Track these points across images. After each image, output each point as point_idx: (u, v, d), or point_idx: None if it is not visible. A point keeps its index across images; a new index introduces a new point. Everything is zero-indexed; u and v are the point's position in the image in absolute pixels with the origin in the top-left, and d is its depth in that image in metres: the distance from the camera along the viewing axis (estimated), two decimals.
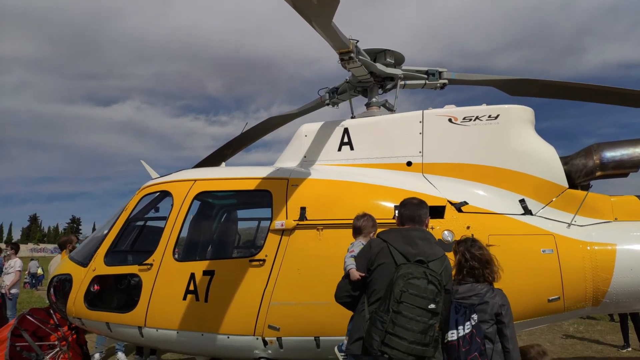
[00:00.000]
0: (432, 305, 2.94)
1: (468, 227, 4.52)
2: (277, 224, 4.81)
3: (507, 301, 3.54)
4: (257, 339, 4.69)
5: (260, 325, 4.66)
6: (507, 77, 5.68)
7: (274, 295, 4.67)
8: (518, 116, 5.02)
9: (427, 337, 2.92)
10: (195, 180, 5.38)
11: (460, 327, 3.27)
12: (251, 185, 5.20)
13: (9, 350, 6.28)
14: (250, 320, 4.69)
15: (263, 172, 5.22)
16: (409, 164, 5.06)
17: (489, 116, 4.99)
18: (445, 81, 5.73)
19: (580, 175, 5.04)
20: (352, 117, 5.59)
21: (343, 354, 3.54)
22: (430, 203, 4.58)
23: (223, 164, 6.12)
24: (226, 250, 5.91)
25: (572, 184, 4.99)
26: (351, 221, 4.03)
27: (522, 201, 4.77)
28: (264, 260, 4.77)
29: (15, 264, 10.18)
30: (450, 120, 5.06)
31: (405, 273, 3.01)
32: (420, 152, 5.05)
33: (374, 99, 5.62)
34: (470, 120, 5.02)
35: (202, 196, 5.46)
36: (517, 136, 4.94)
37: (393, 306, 2.93)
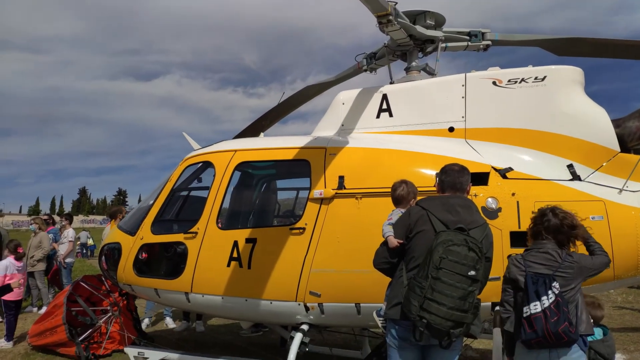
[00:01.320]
0: (472, 272, 2.95)
1: (513, 194, 4.40)
2: (316, 193, 4.83)
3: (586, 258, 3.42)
4: (299, 304, 4.79)
5: (301, 292, 4.75)
6: (554, 37, 5.39)
7: (314, 262, 4.73)
8: (566, 77, 4.78)
9: (466, 303, 2.94)
10: (235, 151, 5.45)
11: (544, 298, 3.15)
12: (289, 155, 5.22)
13: (66, 314, 6.71)
14: (292, 287, 4.78)
15: (301, 141, 5.22)
16: (451, 129, 4.93)
17: (536, 78, 4.77)
18: (489, 42, 5.49)
19: (634, 139, 4.77)
20: (391, 83, 5.45)
21: (381, 319, 3.57)
22: (473, 170, 4.50)
23: (261, 134, 6.16)
24: (267, 219, 6.01)
25: (625, 148, 4.73)
26: (390, 189, 4.00)
27: (570, 166, 4.57)
28: (303, 229, 4.82)
29: (68, 234, 10.72)
30: (494, 83, 4.87)
31: (445, 240, 3.01)
32: (462, 117, 4.90)
33: (413, 63, 5.46)
34: (516, 82, 4.81)
35: (242, 166, 5.53)
36: (565, 98, 4.71)
37: (432, 272, 2.95)
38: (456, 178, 3.45)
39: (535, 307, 3.15)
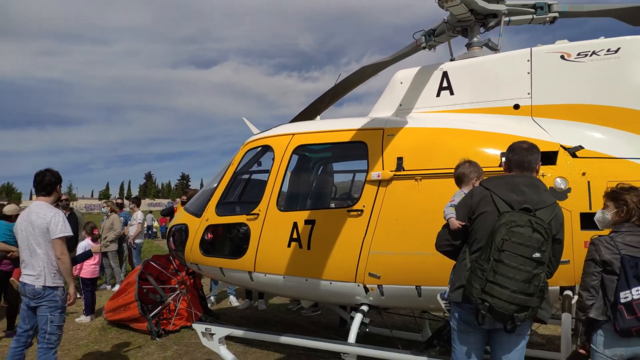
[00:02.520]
0: (537, 254, 2.84)
1: (584, 174, 4.16)
2: (374, 174, 4.81)
3: None
4: (359, 285, 4.82)
5: (360, 273, 4.78)
6: (628, 5, 4.99)
7: (373, 244, 4.73)
8: None
9: (531, 286, 2.84)
10: (293, 134, 5.52)
11: None
12: (346, 137, 5.21)
13: (137, 291, 7.06)
14: (351, 268, 4.81)
15: (358, 123, 5.19)
16: (516, 107, 4.71)
17: (608, 50, 4.44)
18: (556, 14, 5.15)
19: None
20: (452, 60, 5.28)
21: (445, 301, 3.54)
22: (541, 148, 4.28)
23: (318, 117, 6.19)
24: (325, 201, 6.06)
25: None
26: (452, 170, 3.91)
27: None
28: (361, 211, 4.83)
29: (137, 216, 11.34)
30: (562, 57, 4.58)
31: (508, 221, 2.92)
32: (528, 93, 4.66)
33: (475, 39, 5.22)
34: (586, 55, 4.50)
35: (300, 149, 5.59)
36: None
37: (494, 254, 2.87)
38: (524, 156, 3.32)
39: (637, 292, 3.00)
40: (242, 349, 6.35)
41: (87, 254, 6.97)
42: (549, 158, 4.27)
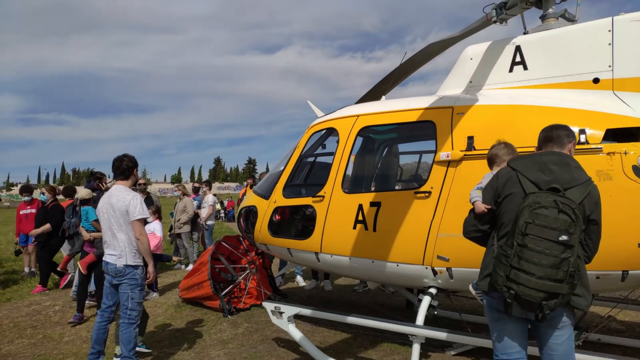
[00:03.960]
0: (564, 237, 2.63)
1: None
2: (442, 155, 4.69)
3: None
4: (427, 268, 4.77)
5: (429, 255, 4.72)
6: None
7: (441, 226, 4.64)
8: None
9: (559, 272, 2.64)
10: (358, 116, 5.49)
11: None
12: (413, 117, 5.11)
13: (210, 270, 7.35)
14: (419, 250, 4.76)
15: (425, 102, 5.06)
16: (595, 80, 4.39)
17: None
18: None
19: None
20: (525, 33, 5.00)
21: (477, 291, 3.42)
22: (622, 124, 4.04)
23: (383, 98, 6.10)
24: (391, 183, 6.01)
25: None
26: (528, 149, 3.73)
27: None
28: (429, 193, 4.74)
29: (208, 199, 11.81)
30: None
31: (532, 203, 2.74)
32: (609, 66, 4.33)
33: (550, 10, 4.89)
34: None
35: (365, 131, 5.57)
36: None
37: (517, 239, 2.71)
38: (551, 131, 3.13)
39: None
40: (310, 327, 6.51)
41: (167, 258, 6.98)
42: (632, 134, 3.98)
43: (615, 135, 4.02)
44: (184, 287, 8.03)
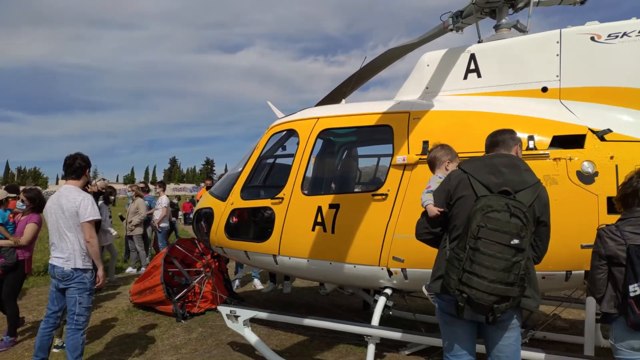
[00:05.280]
0: (516, 241, 2.66)
1: (611, 158, 4.07)
2: (399, 158, 4.79)
3: None
4: (382, 269, 4.84)
5: (384, 256, 4.80)
6: None
7: (397, 228, 4.73)
8: None
9: (511, 275, 2.66)
10: (318, 118, 5.52)
11: None
12: (371, 121, 5.19)
13: (163, 274, 7.16)
14: (375, 251, 4.83)
15: (383, 106, 5.16)
16: (544, 89, 4.62)
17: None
18: None
19: None
20: (479, 42, 5.20)
21: (430, 292, 3.39)
22: (568, 131, 4.26)
23: (343, 101, 6.16)
24: (349, 185, 6.07)
25: None
26: (479, 154, 3.86)
27: None
28: (386, 195, 4.83)
29: (162, 200, 11.48)
30: (592, 38, 4.47)
31: (484, 206, 2.75)
32: (557, 76, 4.56)
33: (503, 20, 5.12)
34: (617, 37, 4.39)
35: (325, 133, 5.60)
36: None
37: (470, 243, 2.72)
38: (496, 136, 3.23)
39: None
40: (267, 331, 6.46)
41: None
42: (577, 141, 4.21)
43: (561, 142, 4.24)
44: (135, 291, 7.78)
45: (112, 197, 10.20)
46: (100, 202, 9.66)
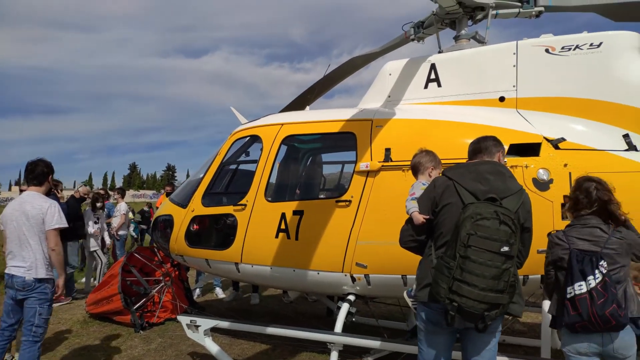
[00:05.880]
0: (506, 248, 2.66)
1: (565, 165, 4.26)
2: (362, 165, 4.83)
3: (634, 234, 3.12)
4: (346, 275, 4.85)
5: (348, 263, 4.81)
6: (612, 1, 5.10)
7: (360, 234, 4.76)
8: (623, 43, 4.55)
9: (501, 282, 2.65)
10: (282, 124, 5.50)
11: (590, 278, 2.89)
12: (335, 128, 5.22)
13: (121, 283, 6.95)
14: (339, 258, 4.84)
15: (347, 114, 5.20)
16: (501, 99, 4.79)
17: (591, 44, 4.56)
18: (541, 8, 5.24)
19: None
20: (440, 52, 5.33)
21: (412, 299, 3.33)
22: (524, 140, 4.41)
23: (307, 108, 6.18)
24: (313, 191, 6.06)
25: None
26: (443, 162, 3.93)
27: (626, 136, 4.38)
28: (349, 201, 4.85)
29: (121, 207, 11.14)
30: (547, 50, 4.69)
31: (473, 214, 2.73)
32: (514, 86, 4.74)
33: (463, 31, 5.28)
34: (570, 49, 4.62)
35: (289, 139, 5.59)
36: (621, 65, 4.49)
37: (460, 251, 2.69)
38: (479, 142, 3.26)
39: (580, 288, 2.91)
40: (228, 340, 6.34)
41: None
42: (533, 149, 4.37)
43: (518, 150, 4.39)
44: (91, 301, 7.48)
45: (99, 204, 9.94)
46: (87, 209, 9.69)
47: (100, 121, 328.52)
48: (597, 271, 2.90)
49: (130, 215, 12.29)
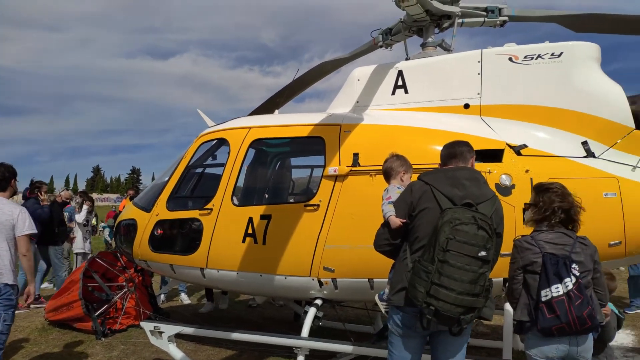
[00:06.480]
0: (483, 253, 2.71)
1: (527, 171, 4.39)
2: (330, 170, 4.84)
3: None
4: (313, 280, 4.84)
5: (315, 267, 4.80)
6: (572, 13, 5.29)
7: (328, 238, 4.76)
8: (582, 53, 4.71)
9: (477, 286, 2.71)
10: (250, 128, 5.46)
11: (567, 280, 2.92)
12: (304, 132, 5.22)
13: (82, 289, 6.79)
14: (306, 262, 4.83)
15: (315, 118, 5.21)
16: (466, 106, 4.89)
17: (552, 54, 4.72)
18: (506, 18, 5.39)
19: None
20: (407, 59, 5.41)
21: (385, 303, 3.35)
22: (488, 146, 4.51)
23: (276, 111, 6.15)
24: (281, 195, 6.04)
25: None
26: None
27: (584, 143, 4.54)
28: (318, 205, 4.85)
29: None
30: (510, 59, 4.82)
31: (452, 219, 2.77)
32: (478, 93, 4.85)
33: (429, 39, 5.38)
34: (532, 58, 4.76)
35: (257, 143, 5.53)
36: (581, 75, 4.65)
37: (438, 255, 2.72)
38: (454, 147, 3.29)
39: (557, 290, 2.92)
40: (193, 346, 6.23)
41: None
42: (495, 156, 4.48)
43: (481, 156, 4.47)
44: (51, 308, 7.26)
45: (87, 207, 9.93)
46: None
47: (62, 123, 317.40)
48: (571, 274, 2.96)
49: (94, 221, 11.97)
